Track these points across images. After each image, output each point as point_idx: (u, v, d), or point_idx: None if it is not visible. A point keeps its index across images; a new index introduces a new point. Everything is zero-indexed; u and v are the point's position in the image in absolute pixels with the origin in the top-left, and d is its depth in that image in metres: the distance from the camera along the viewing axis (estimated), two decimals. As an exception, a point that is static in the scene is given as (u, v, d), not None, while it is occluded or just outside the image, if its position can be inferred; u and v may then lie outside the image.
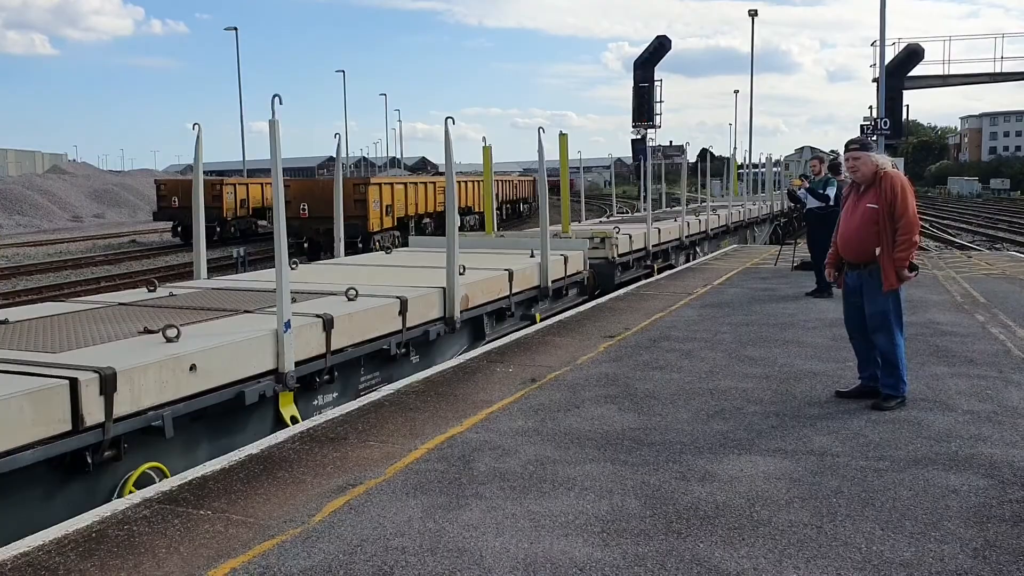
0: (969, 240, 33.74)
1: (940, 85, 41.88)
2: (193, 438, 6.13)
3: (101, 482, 5.46)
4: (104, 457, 5.34)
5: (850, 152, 6.56)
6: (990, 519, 4.34)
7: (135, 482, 5.49)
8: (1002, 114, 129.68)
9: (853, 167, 6.51)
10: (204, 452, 6.08)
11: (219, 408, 6.18)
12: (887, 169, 6.46)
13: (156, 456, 5.77)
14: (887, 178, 6.38)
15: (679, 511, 4.46)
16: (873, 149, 6.71)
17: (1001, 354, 8.30)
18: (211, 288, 9.47)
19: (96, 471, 5.37)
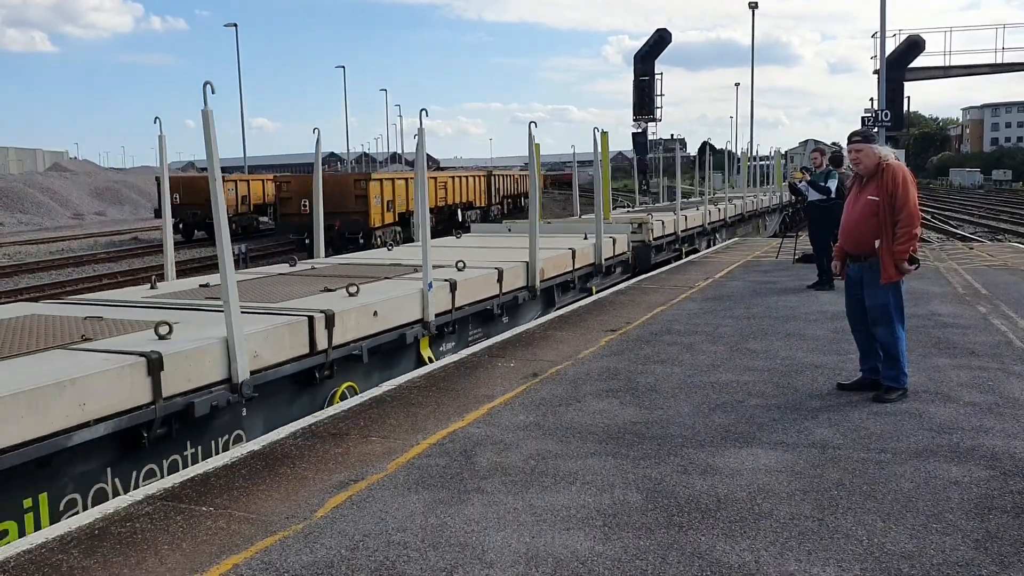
0: (971, 231, 33.72)
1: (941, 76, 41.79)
2: (372, 367, 8.07)
3: (319, 394, 7.37)
4: (324, 375, 7.32)
5: (853, 144, 6.54)
6: (992, 510, 4.34)
7: (339, 395, 7.46)
8: (1004, 105, 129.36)
9: (856, 159, 6.48)
10: (377, 378, 8.03)
11: (389, 345, 8.22)
12: (889, 161, 6.44)
13: (352, 378, 7.73)
14: (888, 170, 6.36)
15: (680, 504, 4.47)
16: (876, 141, 6.69)
17: (1003, 345, 8.29)
18: (339, 263, 11.84)
19: (319, 384, 7.33)
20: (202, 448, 6.14)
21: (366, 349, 7.76)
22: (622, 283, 13.35)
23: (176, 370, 5.80)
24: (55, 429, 5.01)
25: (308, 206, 26.80)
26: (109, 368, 5.39)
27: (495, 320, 10.37)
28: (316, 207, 11.76)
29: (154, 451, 5.77)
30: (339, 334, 7.41)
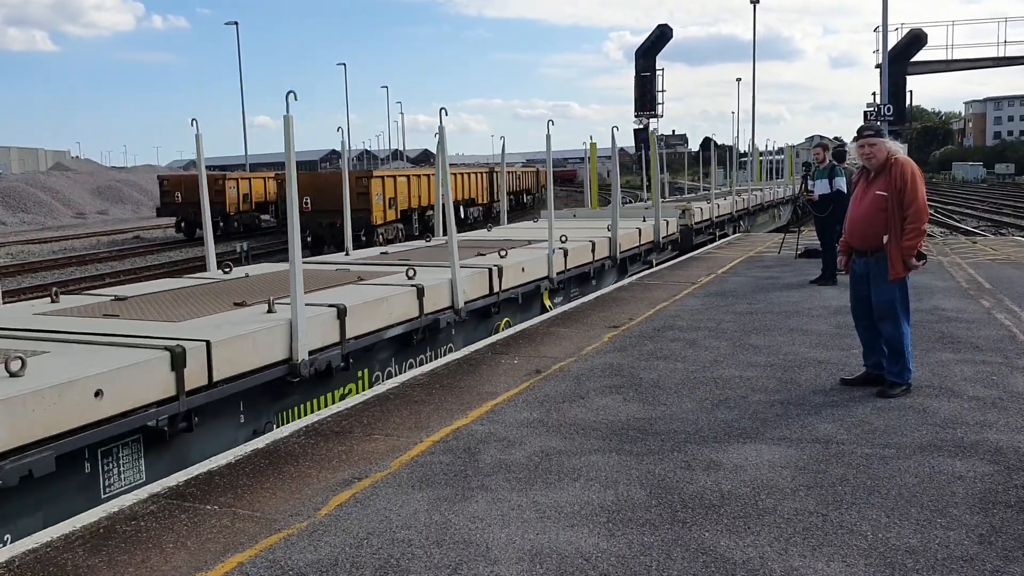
0: (974, 225, 33.67)
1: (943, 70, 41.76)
2: (517, 309, 10.80)
3: (490, 323, 10.20)
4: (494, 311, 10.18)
5: (865, 138, 6.46)
6: (996, 505, 4.34)
7: (502, 326, 10.17)
8: (1006, 98, 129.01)
9: (869, 153, 6.42)
10: (519, 318, 10.60)
11: (528, 293, 10.99)
12: (898, 156, 6.41)
13: (507, 315, 10.50)
14: (897, 165, 6.34)
15: (684, 500, 4.47)
16: (886, 136, 6.65)
17: (1006, 340, 8.28)
18: (466, 239, 14.39)
19: (491, 317, 10.19)
20: (436, 352, 9.03)
21: (520, 294, 10.70)
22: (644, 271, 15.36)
23: (429, 298, 8.69)
24: (380, 326, 7.94)
25: (310, 204, 26.84)
26: (402, 293, 8.38)
27: (587, 281, 13.44)
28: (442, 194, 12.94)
29: (417, 348, 8.71)
30: (503, 283, 10.32)
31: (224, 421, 6.26)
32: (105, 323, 6.76)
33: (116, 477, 5.42)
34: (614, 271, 14.60)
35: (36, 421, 4.77)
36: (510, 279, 10.45)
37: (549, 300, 11.69)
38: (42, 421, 4.80)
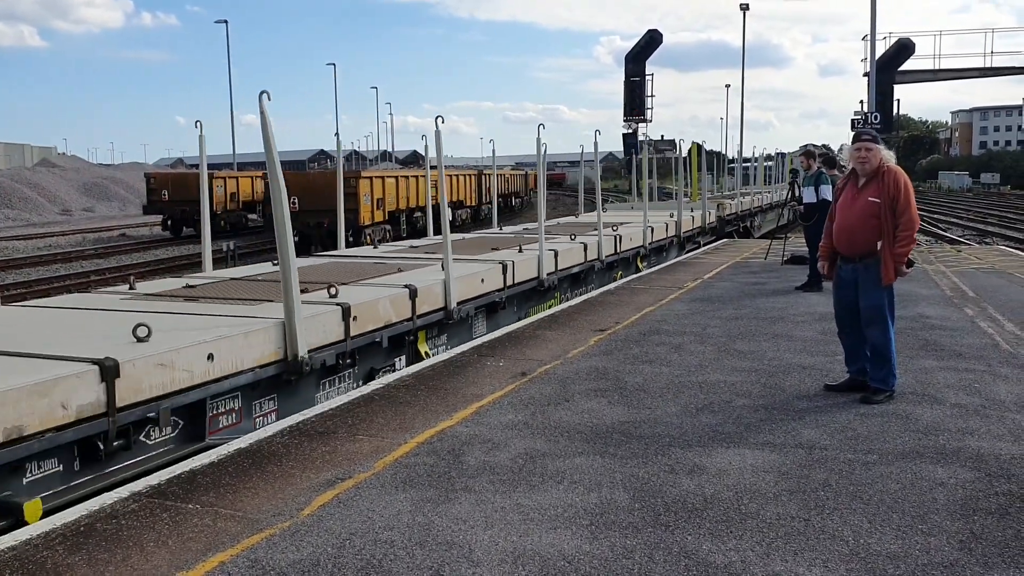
0: (959, 234, 33.84)
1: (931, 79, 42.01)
2: (577, 284, 13.58)
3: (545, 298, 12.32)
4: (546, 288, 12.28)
5: (863, 142, 6.46)
6: (977, 511, 4.37)
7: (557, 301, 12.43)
8: (992, 109, 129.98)
9: (864, 158, 6.42)
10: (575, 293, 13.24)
11: (625, 261, 15.19)
12: (890, 164, 6.44)
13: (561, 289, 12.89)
14: (890, 173, 6.37)
15: (667, 504, 4.48)
16: (882, 144, 6.64)
17: (990, 348, 8.33)
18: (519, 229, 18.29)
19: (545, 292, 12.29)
20: (524, 314, 11.64)
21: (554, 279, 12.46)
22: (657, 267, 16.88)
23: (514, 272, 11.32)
24: (480, 293, 10.31)
25: (298, 204, 26.76)
26: (489, 269, 10.68)
27: (662, 252, 18.88)
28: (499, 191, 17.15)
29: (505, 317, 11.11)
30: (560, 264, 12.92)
31: (367, 359, 8.19)
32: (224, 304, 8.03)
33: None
34: (677, 247, 20.17)
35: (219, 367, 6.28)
36: (608, 250, 14.94)
37: (641, 263, 16.91)
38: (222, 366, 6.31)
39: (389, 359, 8.51)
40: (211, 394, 6.21)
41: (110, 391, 5.31)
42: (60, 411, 5.03)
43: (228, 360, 6.33)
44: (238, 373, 6.43)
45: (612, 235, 15.29)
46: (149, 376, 5.64)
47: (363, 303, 7.93)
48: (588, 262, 14.14)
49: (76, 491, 5.15)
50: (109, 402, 5.32)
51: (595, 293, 12.65)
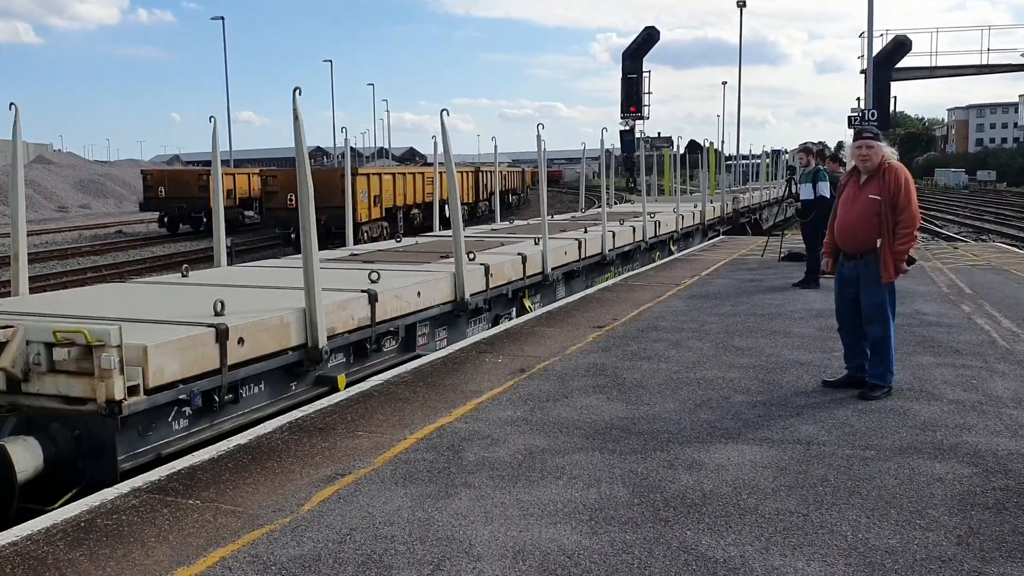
0: (956, 231, 33.92)
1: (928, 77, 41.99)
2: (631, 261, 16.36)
3: (603, 273, 14.83)
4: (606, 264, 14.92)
5: (864, 140, 6.47)
6: (974, 507, 4.39)
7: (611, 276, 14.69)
8: (989, 106, 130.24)
9: (866, 155, 6.43)
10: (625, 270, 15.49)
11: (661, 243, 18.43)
12: (892, 161, 6.45)
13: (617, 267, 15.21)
14: (891, 170, 6.38)
15: (667, 499, 4.49)
16: (883, 141, 6.64)
17: (986, 344, 8.36)
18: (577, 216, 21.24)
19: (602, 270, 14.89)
20: (591, 281, 14.16)
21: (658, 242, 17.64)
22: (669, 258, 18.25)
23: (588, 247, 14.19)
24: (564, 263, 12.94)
25: (294, 200, 26.70)
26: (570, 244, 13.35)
27: (690, 238, 22.11)
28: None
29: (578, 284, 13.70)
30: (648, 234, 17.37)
31: (496, 307, 10.79)
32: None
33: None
34: (700, 232, 23.51)
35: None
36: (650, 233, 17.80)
37: (673, 246, 19.77)
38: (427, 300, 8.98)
39: (506, 309, 11.13)
40: (419, 319, 8.87)
41: (373, 310, 7.94)
42: (351, 320, 7.70)
43: (427, 298, 8.94)
44: (431, 307, 9.06)
45: (652, 221, 18.30)
46: (389, 303, 8.21)
47: (495, 264, 10.55)
48: (636, 242, 17.17)
49: (355, 375, 7.69)
50: (372, 317, 7.95)
51: (593, 290, 12.67)
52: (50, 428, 5.48)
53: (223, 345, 6.09)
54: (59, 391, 5.49)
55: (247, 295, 7.74)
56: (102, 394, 5.29)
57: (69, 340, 5.39)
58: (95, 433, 5.45)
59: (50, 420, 5.50)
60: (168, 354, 5.67)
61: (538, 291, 12.08)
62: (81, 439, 5.48)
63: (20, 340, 5.54)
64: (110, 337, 5.28)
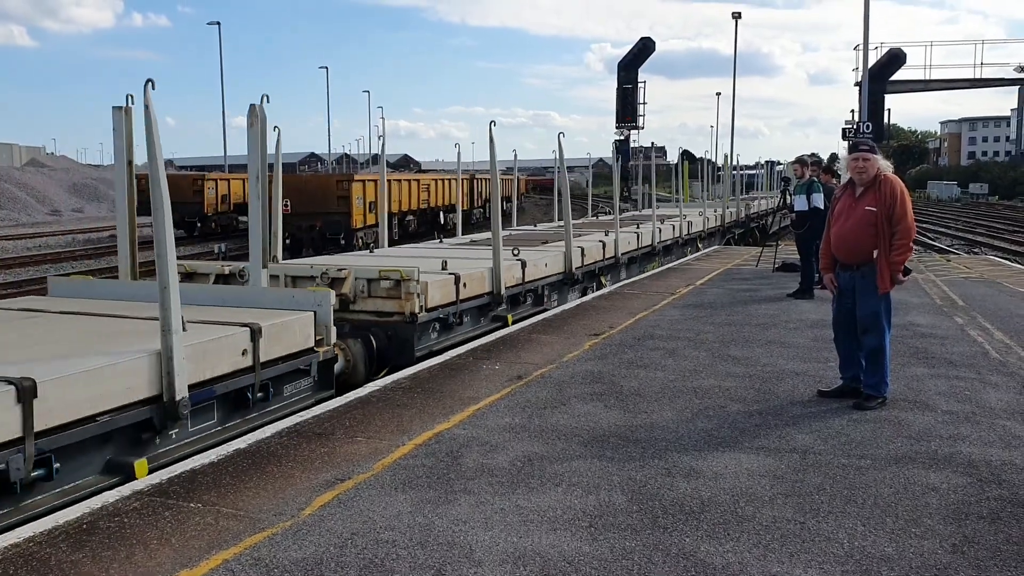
0: (948, 244, 34.07)
1: (921, 90, 42.28)
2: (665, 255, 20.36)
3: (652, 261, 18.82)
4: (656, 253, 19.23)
5: (860, 152, 6.54)
6: (968, 516, 4.43)
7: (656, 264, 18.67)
8: (981, 119, 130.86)
9: (861, 168, 6.50)
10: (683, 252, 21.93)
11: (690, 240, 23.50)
12: (887, 173, 6.52)
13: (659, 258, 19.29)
14: (887, 182, 6.45)
15: (665, 506, 4.53)
16: (879, 154, 6.70)
17: (979, 356, 8.43)
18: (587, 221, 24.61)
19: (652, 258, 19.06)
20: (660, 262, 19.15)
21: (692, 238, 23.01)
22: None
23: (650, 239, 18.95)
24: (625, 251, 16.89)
25: (289, 205, 26.74)
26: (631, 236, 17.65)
27: (713, 237, 26.61)
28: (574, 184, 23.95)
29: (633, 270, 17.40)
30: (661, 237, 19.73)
31: (586, 280, 14.39)
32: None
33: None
34: (720, 234, 28.44)
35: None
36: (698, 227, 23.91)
37: (701, 243, 24.00)
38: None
39: (590, 283, 14.51)
40: (546, 283, 12.37)
41: (524, 274, 11.59)
42: (512, 279, 11.14)
43: (551, 268, 12.67)
44: (553, 276, 12.72)
45: (685, 221, 22.65)
46: (530, 270, 11.82)
47: (588, 248, 14.28)
48: (675, 238, 21.51)
49: (517, 316, 11.00)
50: (523, 278, 11.52)
51: (588, 298, 12.73)
52: (371, 331, 8.76)
53: (458, 286, 9.77)
54: (376, 308, 8.92)
55: (455, 260, 11.13)
56: (407, 309, 8.81)
57: (387, 276, 8.87)
58: (401, 334, 8.87)
59: (370, 327, 8.81)
60: (436, 288, 9.31)
61: (609, 271, 15.67)
62: (392, 338, 8.83)
63: (352, 277, 8.99)
64: (415, 274, 8.83)
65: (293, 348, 6.89)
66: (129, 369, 5.43)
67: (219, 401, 6.23)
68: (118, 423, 5.33)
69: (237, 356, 6.28)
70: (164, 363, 5.57)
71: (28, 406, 4.70)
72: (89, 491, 5.01)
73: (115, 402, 5.32)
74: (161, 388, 5.58)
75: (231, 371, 6.24)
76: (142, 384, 5.50)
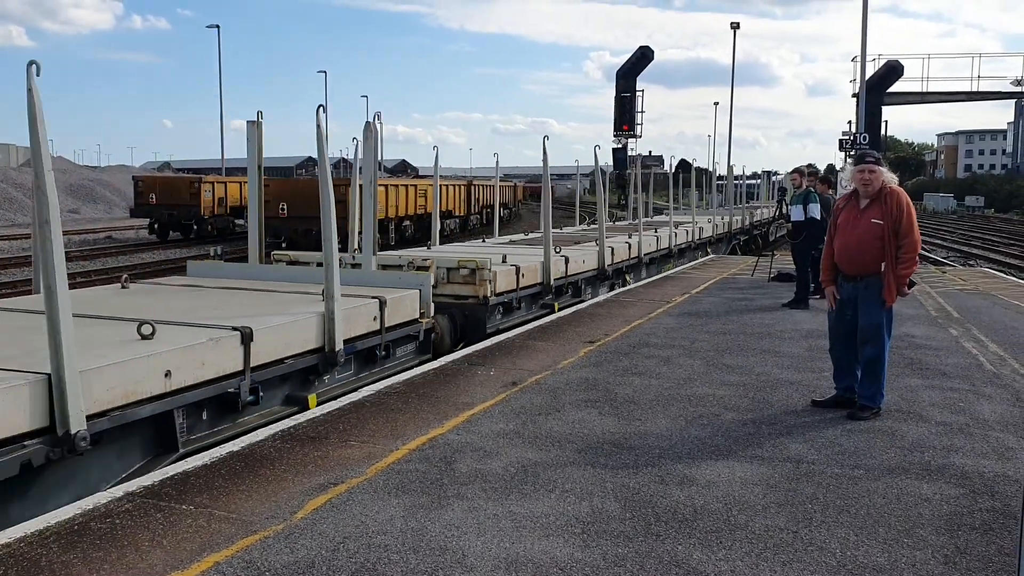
0: (944, 256, 34.14)
1: (919, 102, 42.34)
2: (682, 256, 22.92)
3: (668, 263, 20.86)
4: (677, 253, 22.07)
5: (867, 164, 6.53)
6: (961, 527, 4.44)
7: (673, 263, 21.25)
8: (978, 133, 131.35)
9: (868, 180, 6.48)
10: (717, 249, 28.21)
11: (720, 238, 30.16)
12: (893, 186, 6.53)
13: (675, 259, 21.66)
14: (893, 195, 6.45)
15: (658, 514, 4.53)
16: (884, 166, 6.70)
17: (974, 368, 8.44)
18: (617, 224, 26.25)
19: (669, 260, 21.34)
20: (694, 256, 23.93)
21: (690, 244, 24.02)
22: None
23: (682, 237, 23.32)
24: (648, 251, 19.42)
25: (286, 209, 26.75)
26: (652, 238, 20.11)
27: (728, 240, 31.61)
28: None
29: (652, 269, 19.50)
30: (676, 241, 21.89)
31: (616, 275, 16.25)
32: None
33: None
34: (727, 240, 31.14)
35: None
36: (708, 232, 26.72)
37: (709, 248, 25.97)
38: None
39: (617, 279, 16.27)
40: (583, 278, 14.47)
41: (567, 268, 13.50)
42: (559, 272, 13.06)
43: (588, 264, 14.77)
44: (588, 271, 14.78)
45: (696, 227, 25.05)
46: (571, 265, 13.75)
47: (616, 248, 16.35)
48: (688, 242, 23.71)
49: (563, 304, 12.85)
50: (566, 272, 13.46)
51: (584, 305, 12.73)
52: (451, 311, 10.48)
53: (518, 276, 11.76)
54: (455, 292, 10.74)
55: (512, 254, 12.86)
56: (481, 293, 10.70)
57: (465, 265, 10.77)
58: (476, 314, 10.75)
59: (449, 307, 10.44)
60: (502, 277, 11.24)
61: (632, 270, 17.46)
62: (468, 317, 10.72)
63: (435, 266, 10.59)
64: (488, 264, 10.78)
65: (405, 318, 8.77)
66: (305, 325, 7.23)
67: (356, 356, 7.96)
68: (297, 366, 7.09)
69: (370, 321, 8.14)
70: (327, 322, 7.35)
71: (247, 348, 6.42)
72: (278, 416, 6.65)
73: (296, 350, 7.08)
74: (324, 341, 7.34)
75: (366, 332, 8.09)
76: (312, 337, 7.27)
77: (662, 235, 20.61)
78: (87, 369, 5.07)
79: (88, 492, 4.99)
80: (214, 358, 6.13)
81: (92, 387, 5.11)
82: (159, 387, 5.64)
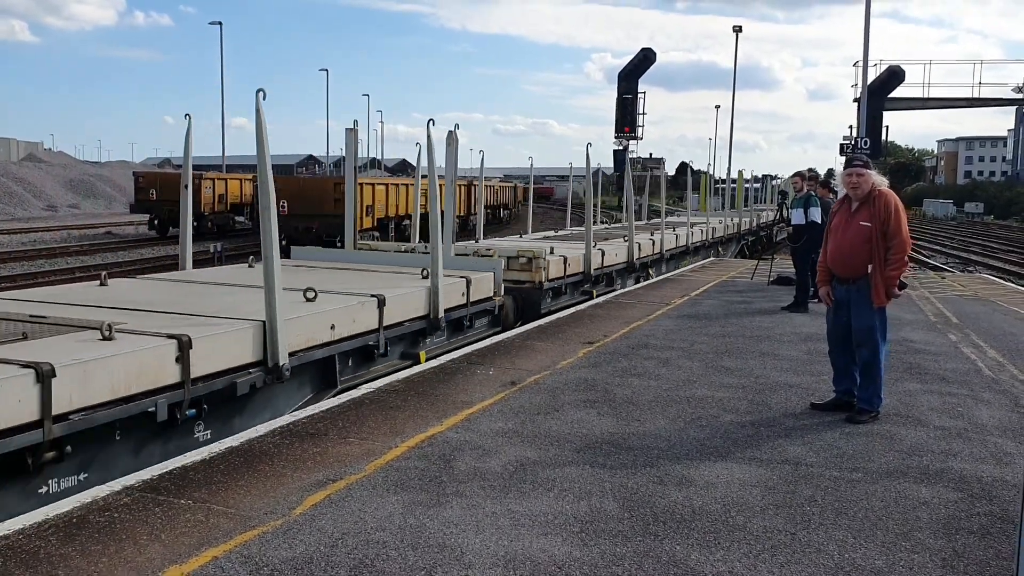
0: (943, 261, 34.16)
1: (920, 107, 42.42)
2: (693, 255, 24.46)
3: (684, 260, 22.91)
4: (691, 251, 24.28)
5: (855, 168, 6.58)
6: (959, 531, 4.44)
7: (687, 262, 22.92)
8: (978, 139, 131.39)
9: (855, 183, 6.53)
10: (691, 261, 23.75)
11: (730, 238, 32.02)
12: (881, 188, 6.55)
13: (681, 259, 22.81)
14: (881, 197, 6.47)
15: (656, 514, 4.53)
16: (873, 169, 6.74)
17: (972, 373, 8.45)
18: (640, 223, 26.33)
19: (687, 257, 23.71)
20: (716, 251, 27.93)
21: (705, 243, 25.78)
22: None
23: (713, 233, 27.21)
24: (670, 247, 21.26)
25: (287, 208, 26.72)
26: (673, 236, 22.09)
27: (738, 240, 33.33)
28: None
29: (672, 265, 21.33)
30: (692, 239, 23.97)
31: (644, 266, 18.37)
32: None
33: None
34: (736, 240, 32.64)
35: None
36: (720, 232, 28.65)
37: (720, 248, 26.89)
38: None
39: (642, 272, 17.72)
40: (616, 270, 16.15)
41: (603, 260, 15.31)
42: (598, 263, 15.07)
43: (619, 258, 16.39)
44: (620, 263, 16.54)
45: (709, 226, 26.82)
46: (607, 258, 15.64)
47: (643, 243, 18.24)
48: (703, 240, 25.35)
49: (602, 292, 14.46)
50: (602, 263, 15.17)
51: (583, 306, 12.73)
52: (512, 293, 11.97)
53: (565, 265, 13.44)
54: (515, 278, 12.33)
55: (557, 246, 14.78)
56: (536, 279, 12.54)
57: (523, 255, 12.63)
58: (532, 297, 12.50)
59: (511, 290, 11.92)
60: (553, 265, 12.95)
61: (655, 264, 19.26)
62: (526, 299, 12.38)
63: (497, 254, 12.20)
64: (544, 253, 12.72)
65: (483, 295, 10.69)
66: (416, 296, 9.17)
67: (449, 324, 9.79)
68: (412, 328, 9.03)
69: (458, 296, 10.02)
70: (431, 295, 9.29)
71: (382, 311, 8.32)
72: (397, 368, 8.30)
73: (411, 315, 9.02)
74: (429, 309, 9.28)
75: (456, 305, 9.94)
76: (421, 306, 9.20)
77: (680, 233, 22.74)
78: (287, 319, 6.84)
79: (278, 414, 6.81)
80: (362, 317, 8.06)
81: (289, 333, 6.87)
82: (327, 336, 7.55)
